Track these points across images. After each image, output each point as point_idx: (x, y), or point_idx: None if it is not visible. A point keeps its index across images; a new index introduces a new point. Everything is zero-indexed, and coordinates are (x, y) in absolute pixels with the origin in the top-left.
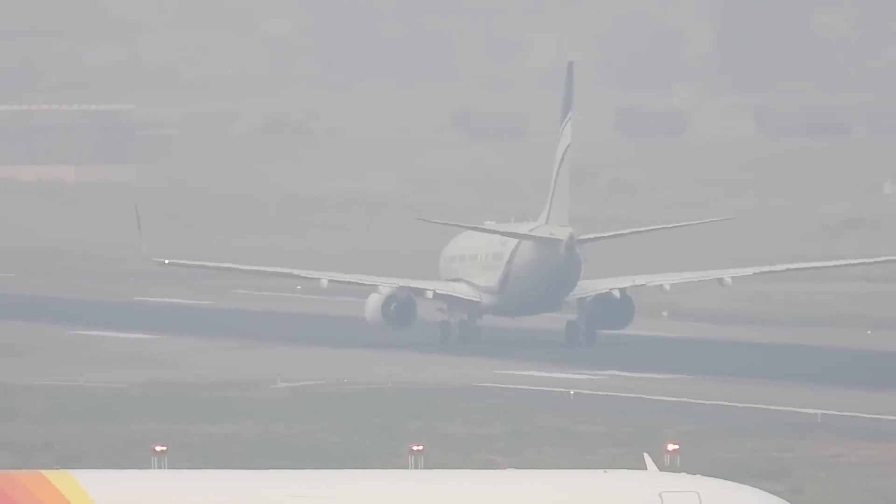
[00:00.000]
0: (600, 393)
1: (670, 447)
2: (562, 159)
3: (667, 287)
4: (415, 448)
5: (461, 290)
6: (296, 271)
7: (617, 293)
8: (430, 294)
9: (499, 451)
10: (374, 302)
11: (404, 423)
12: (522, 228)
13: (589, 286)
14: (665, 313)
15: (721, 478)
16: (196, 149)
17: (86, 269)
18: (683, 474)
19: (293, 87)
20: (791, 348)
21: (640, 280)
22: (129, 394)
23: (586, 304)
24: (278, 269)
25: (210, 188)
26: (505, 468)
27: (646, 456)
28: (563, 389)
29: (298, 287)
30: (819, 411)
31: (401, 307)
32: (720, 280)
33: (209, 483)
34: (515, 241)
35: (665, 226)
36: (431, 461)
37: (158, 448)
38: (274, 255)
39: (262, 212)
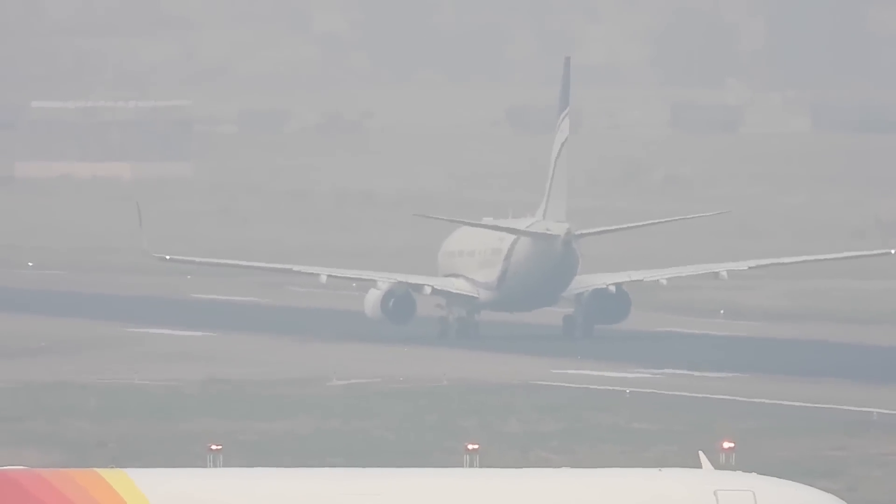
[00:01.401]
0: (656, 391)
1: (725, 445)
2: (558, 154)
3: (663, 282)
4: (470, 447)
5: (459, 286)
6: (295, 267)
7: (613, 288)
8: (427, 290)
9: (554, 449)
10: (373, 297)
11: (459, 421)
12: (521, 224)
13: (585, 281)
14: (721, 311)
15: (776, 476)
16: (251, 145)
17: (141, 266)
18: (738, 473)
19: (346, 84)
20: (846, 346)
21: (637, 275)
22: (185, 392)
23: (583, 299)
24: (278, 265)
25: (264, 184)
26: (560, 467)
27: (701, 454)
28: (618, 388)
29: (354, 285)
30: (875, 410)
31: (399, 303)
32: (716, 274)
33: (264, 481)
34: (513, 236)
35: (661, 220)
36: (487, 460)
37: (214, 446)
38: (327, 252)
39: (315, 208)
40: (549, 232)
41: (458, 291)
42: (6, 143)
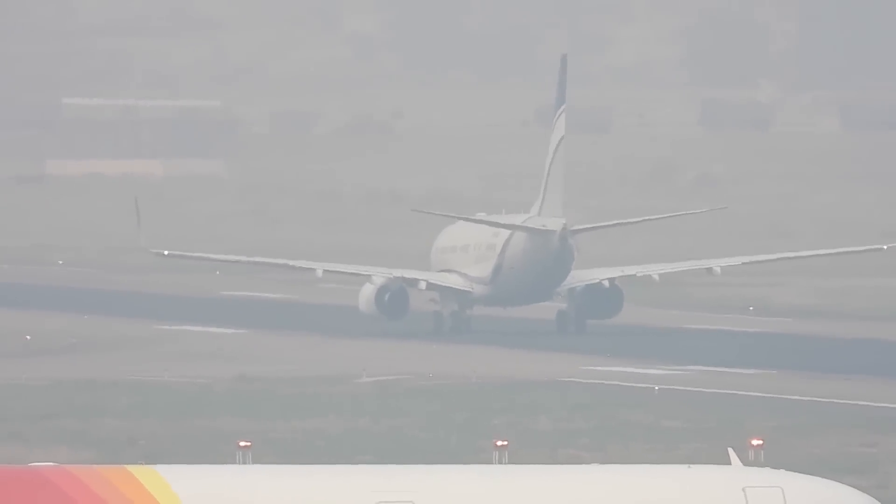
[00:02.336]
0: (684, 388)
1: (754, 442)
2: (555, 151)
3: (656, 277)
4: (499, 443)
5: (453, 281)
6: (291, 262)
7: (607, 283)
8: (422, 284)
9: (583, 446)
10: (367, 292)
11: (489, 419)
12: (517, 220)
13: (578, 276)
14: (751, 308)
15: (806, 473)
16: (281, 145)
17: (171, 265)
18: (767, 469)
19: (377, 83)
20: (876, 343)
21: (630, 270)
22: (214, 389)
23: (576, 294)
24: (272, 260)
25: (294, 184)
26: (589, 463)
27: (730, 451)
28: (647, 385)
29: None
30: None
31: (394, 298)
32: (709, 270)
33: (294, 479)
34: (508, 232)
35: (656, 216)
36: (516, 456)
37: (243, 444)
38: (357, 252)
39: (345, 208)
40: (545, 227)
41: (452, 286)
42: (38, 142)
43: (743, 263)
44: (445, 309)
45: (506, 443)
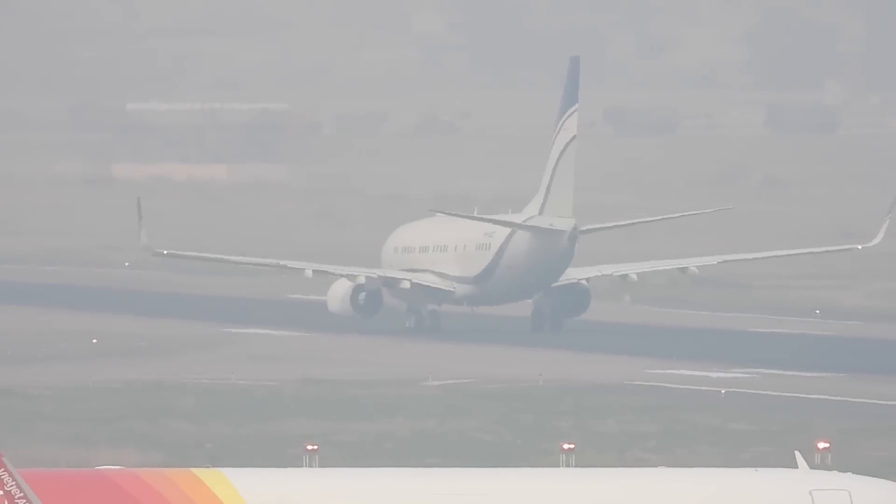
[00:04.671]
0: (751, 391)
1: (821, 445)
2: (562, 151)
3: (633, 277)
4: (566, 446)
5: (435, 281)
6: (282, 262)
7: (585, 283)
8: (405, 284)
9: (651, 449)
10: (341, 291)
11: (556, 421)
12: (517, 219)
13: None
14: (818, 311)
15: (872, 476)
16: (348, 147)
17: (238, 267)
18: (834, 472)
19: (444, 85)
20: None
21: (607, 269)
22: (281, 392)
23: (552, 292)
24: (266, 261)
25: (361, 187)
26: (656, 466)
27: (797, 454)
28: (713, 388)
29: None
30: None
31: (370, 297)
32: (684, 269)
33: (360, 481)
34: (505, 231)
35: (665, 217)
36: (583, 460)
37: (310, 446)
38: None
39: (411, 210)
40: (553, 227)
41: (435, 286)
42: (103, 145)
43: (718, 263)
44: (424, 308)
45: (573, 446)
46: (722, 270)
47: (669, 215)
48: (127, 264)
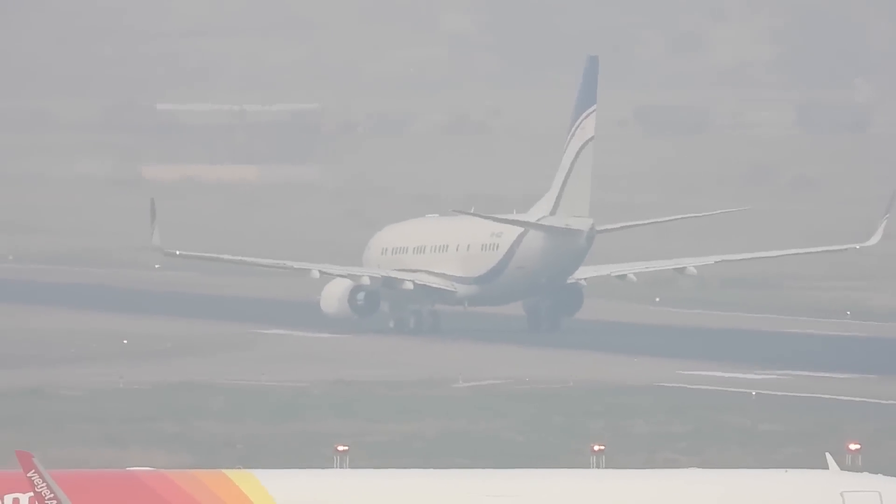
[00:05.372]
0: (782, 392)
1: (852, 447)
2: (579, 151)
3: (632, 277)
4: (596, 447)
5: (436, 281)
6: (288, 262)
7: (584, 282)
8: (409, 285)
9: (681, 450)
10: (338, 292)
11: (586, 422)
12: (526, 219)
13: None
14: (848, 312)
15: None
16: (377, 146)
17: (268, 269)
18: (865, 474)
19: (474, 84)
20: None
21: (605, 270)
22: (312, 393)
23: (549, 291)
24: (271, 262)
25: (391, 187)
26: (687, 467)
27: (828, 456)
28: (744, 389)
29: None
30: None
31: (369, 297)
32: (681, 270)
33: (391, 482)
34: (514, 231)
35: (680, 216)
36: (613, 461)
37: (340, 447)
38: None
39: (441, 210)
40: (569, 227)
41: (439, 286)
42: (132, 146)
43: (716, 262)
44: (424, 307)
45: (603, 447)
46: (751, 271)
47: (687, 215)
48: (157, 266)
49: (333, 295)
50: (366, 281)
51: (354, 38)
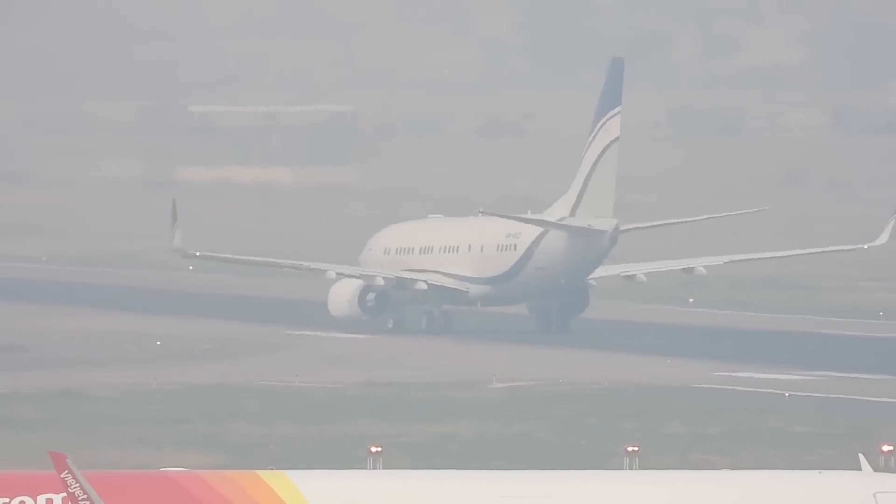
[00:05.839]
0: (815, 394)
1: (885, 448)
2: (602, 152)
3: (642, 277)
4: (630, 448)
5: (450, 282)
6: (304, 263)
7: (594, 283)
8: (423, 285)
9: (715, 451)
10: (347, 293)
11: (620, 424)
12: (550, 218)
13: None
14: (881, 313)
15: None
16: (412, 148)
17: (297, 271)
18: None
19: (508, 86)
20: None
21: (614, 270)
22: (345, 394)
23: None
24: (290, 262)
25: (425, 189)
26: (721, 469)
27: (861, 457)
28: (778, 390)
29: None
30: None
31: (380, 298)
32: (690, 269)
33: (424, 483)
34: (533, 231)
35: (704, 217)
36: (647, 462)
37: (374, 448)
38: None
39: (475, 212)
40: (592, 227)
41: (452, 287)
42: (167, 148)
43: (725, 263)
44: (436, 308)
45: (637, 448)
46: (785, 272)
47: (711, 215)
48: (191, 267)
49: (342, 296)
50: (380, 282)
51: (389, 40)
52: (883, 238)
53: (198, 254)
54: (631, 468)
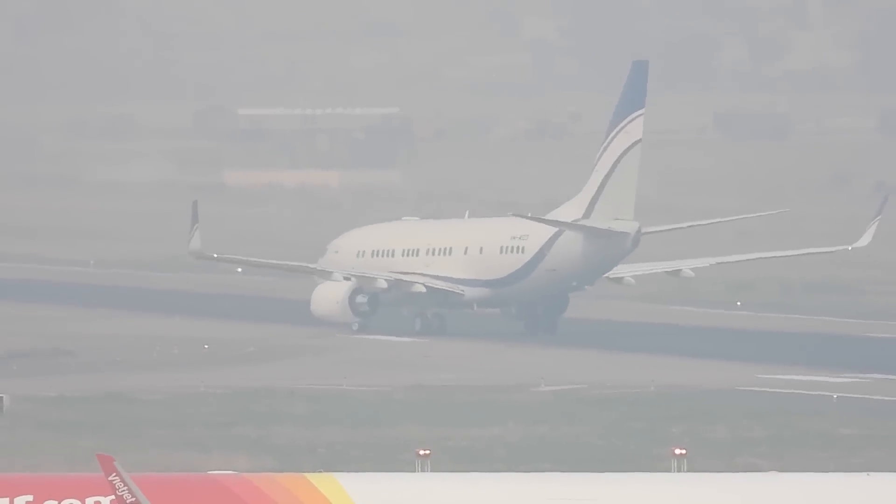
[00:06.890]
0: (863, 396)
1: None
2: (622, 154)
3: (631, 280)
4: (677, 452)
5: (447, 285)
6: (311, 265)
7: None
8: (420, 288)
9: (762, 454)
10: (335, 294)
11: (667, 427)
12: (561, 218)
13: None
14: None
15: None
16: (458, 152)
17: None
18: None
19: (554, 89)
20: None
21: (615, 272)
22: (393, 397)
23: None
24: (300, 265)
25: (473, 192)
26: (767, 472)
27: None
28: (825, 393)
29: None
30: None
31: (372, 300)
32: (677, 272)
33: (472, 486)
34: (544, 233)
35: (724, 219)
36: (694, 465)
37: (422, 451)
38: None
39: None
40: (613, 229)
41: (448, 288)
42: (214, 152)
43: (711, 265)
44: (429, 310)
45: (684, 451)
46: (832, 275)
47: (732, 217)
48: (239, 270)
49: (330, 297)
50: (382, 284)
51: (436, 43)
52: (865, 240)
53: (215, 255)
54: (678, 471)
